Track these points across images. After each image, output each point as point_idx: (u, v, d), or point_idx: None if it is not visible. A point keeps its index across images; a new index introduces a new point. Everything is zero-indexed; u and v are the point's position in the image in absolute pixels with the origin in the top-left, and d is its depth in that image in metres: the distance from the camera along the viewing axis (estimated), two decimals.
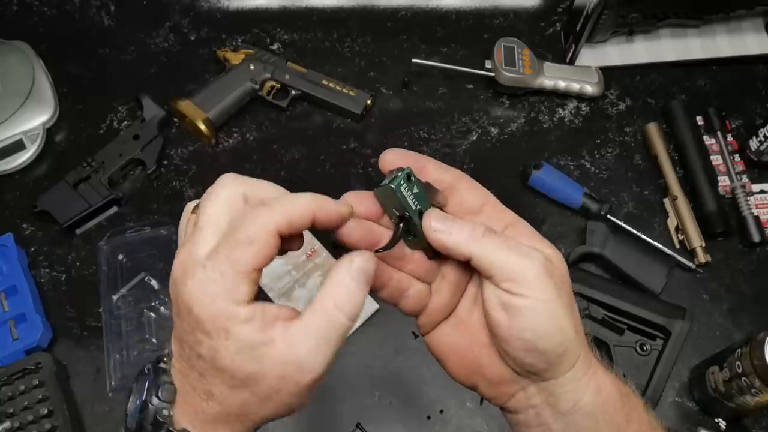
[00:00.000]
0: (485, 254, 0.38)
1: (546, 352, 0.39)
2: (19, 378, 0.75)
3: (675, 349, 0.75)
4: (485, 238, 0.39)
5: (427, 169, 0.42)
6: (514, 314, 0.38)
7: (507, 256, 0.38)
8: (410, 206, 0.40)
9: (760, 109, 0.94)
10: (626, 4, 0.89)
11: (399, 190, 0.40)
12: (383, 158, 0.42)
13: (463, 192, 0.42)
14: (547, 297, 0.38)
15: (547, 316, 0.38)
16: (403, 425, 0.76)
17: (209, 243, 0.36)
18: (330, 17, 1.02)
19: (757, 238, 0.84)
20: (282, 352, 0.36)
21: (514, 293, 0.38)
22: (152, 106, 0.91)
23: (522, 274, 0.38)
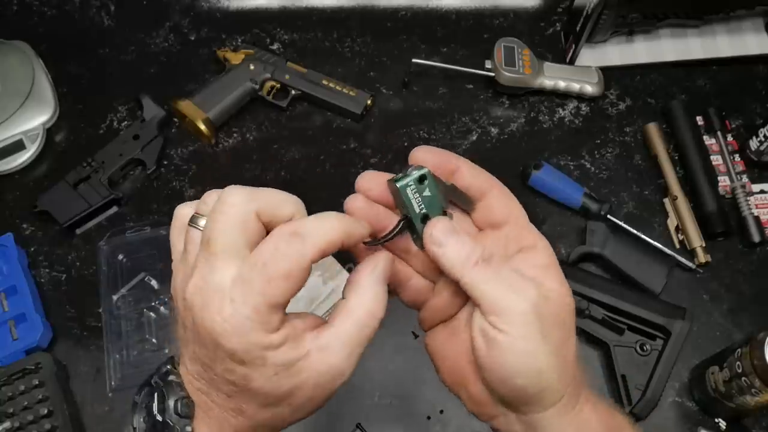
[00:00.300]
0: (474, 284, 0.38)
1: (520, 389, 0.38)
2: (19, 378, 0.75)
3: (675, 349, 0.75)
4: (477, 268, 0.38)
5: (460, 171, 0.41)
6: (492, 346, 0.37)
7: (494, 291, 0.37)
8: (413, 209, 0.39)
9: (760, 109, 0.94)
10: (626, 4, 0.89)
11: (404, 191, 0.39)
12: (413, 155, 0.41)
13: (492, 201, 0.41)
14: (527, 336, 0.37)
15: (524, 356, 0.37)
16: (403, 425, 0.76)
17: (229, 270, 0.35)
18: (330, 17, 1.02)
19: (757, 238, 0.84)
20: (316, 362, 0.37)
21: (495, 327, 0.37)
22: (152, 106, 0.91)
23: (506, 311, 0.37)
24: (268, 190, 0.38)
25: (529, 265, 0.40)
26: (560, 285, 0.40)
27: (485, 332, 0.38)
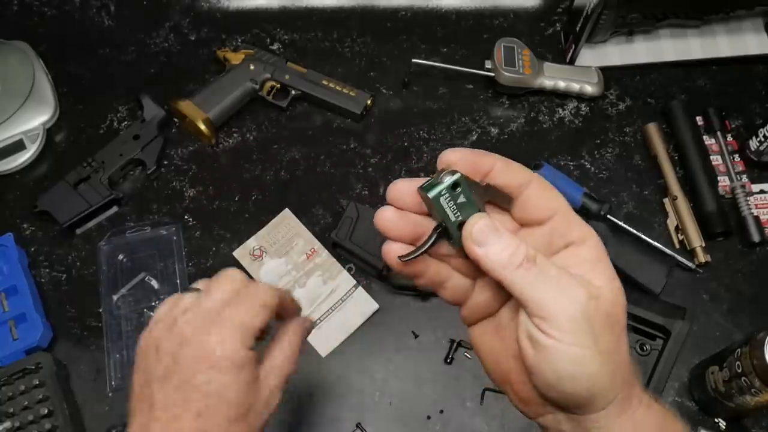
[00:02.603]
0: (519, 286, 0.36)
1: (570, 394, 0.37)
2: (19, 378, 0.75)
3: (675, 349, 0.75)
4: (521, 269, 0.36)
5: (494, 170, 0.39)
6: (540, 351, 0.36)
7: (541, 293, 0.36)
8: (449, 217, 0.37)
9: (760, 109, 0.94)
10: (626, 4, 0.89)
11: (437, 201, 0.37)
12: (442, 158, 0.39)
13: (532, 198, 0.39)
14: (578, 342, 0.35)
15: (573, 361, 0.35)
16: (403, 425, 0.76)
17: (217, 302, 0.47)
18: (330, 17, 1.02)
19: (756, 238, 0.84)
20: (266, 383, 0.47)
21: (543, 331, 0.35)
22: (152, 106, 0.91)
23: (554, 315, 0.35)
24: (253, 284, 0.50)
25: (576, 261, 0.38)
26: (610, 282, 0.38)
27: (532, 336, 0.36)
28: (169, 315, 0.47)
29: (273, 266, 0.84)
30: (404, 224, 0.39)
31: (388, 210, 0.39)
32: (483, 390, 0.77)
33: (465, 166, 0.38)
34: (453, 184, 0.37)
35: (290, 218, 0.87)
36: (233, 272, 0.49)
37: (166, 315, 0.47)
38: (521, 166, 0.40)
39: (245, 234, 0.86)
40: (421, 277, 0.41)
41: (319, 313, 0.81)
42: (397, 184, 0.39)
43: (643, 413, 0.39)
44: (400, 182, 0.39)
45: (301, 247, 0.85)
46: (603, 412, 0.38)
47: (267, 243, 0.85)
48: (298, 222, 0.87)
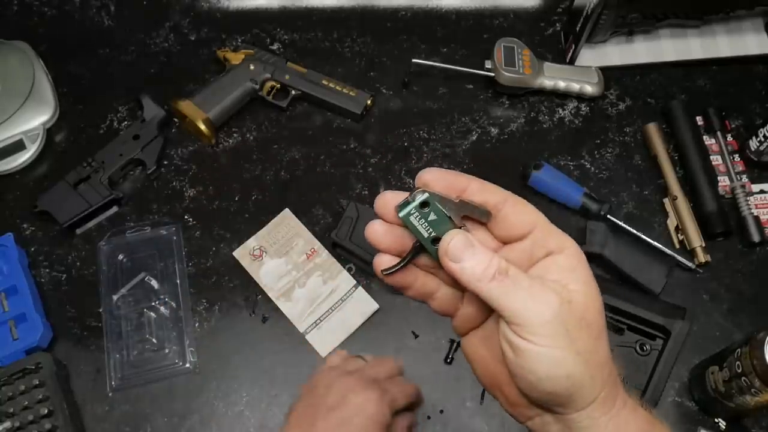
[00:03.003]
0: (494, 297, 0.38)
1: (551, 393, 0.39)
2: (19, 378, 0.75)
3: (675, 349, 0.75)
4: (494, 282, 0.38)
5: (469, 190, 0.41)
6: (519, 354, 0.38)
7: (515, 302, 0.38)
8: (421, 234, 0.39)
9: (760, 109, 0.94)
10: (626, 4, 0.89)
11: (407, 220, 0.39)
12: (419, 179, 0.41)
13: (510, 215, 0.41)
14: (552, 344, 0.37)
15: (550, 362, 0.37)
16: None
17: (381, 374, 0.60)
18: (330, 17, 1.02)
19: (756, 238, 0.84)
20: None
21: (520, 336, 0.38)
22: (152, 106, 0.91)
23: (528, 320, 0.37)
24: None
25: (554, 269, 0.40)
26: (585, 286, 0.40)
27: (511, 341, 0.38)
28: (341, 366, 0.59)
29: (273, 266, 0.84)
30: (392, 237, 0.41)
31: (377, 223, 0.41)
32: (483, 390, 0.77)
33: (439, 185, 0.40)
34: (421, 203, 0.39)
35: (290, 218, 0.87)
36: (393, 360, 0.62)
37: (338, 366, 0.59)
38: (495, 186, 0.41)
39: (245, 234, 0.86)
40: (409, 289, 0.43)
41: (319, 313, 0.81)
42: (383, 197, 0.41)
43: (627, 415, 0.40)
44: (387, 195, 0.41)
45: (301, 247, 0.85)
46: (585, 412, 0.39)
47: (267, 243, 0.85)
48: (298, 222, 0.87)
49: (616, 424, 0.40)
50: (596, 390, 0.39)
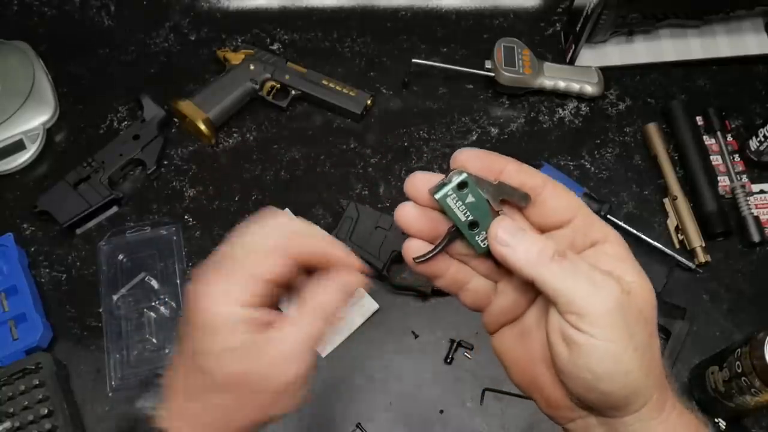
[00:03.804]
0: (551, 281, 0.35)
1: (607, 393, 0.35)
2: (19, 378, 0.75)
3: (675, 349, 0.75)
4: (553, 263, 0.35)
5: (507, 171, 0.38)
6: (574, 350, 0.35)
7: (574, 286, 0.34)
8: (459, 218, 0.37)
9: (760, 109, 0.94)
10: (626, 4, 0.89)
11: (444, 202, 0.37)
12: (454, 158, 0.38)
13: (548, 201, 0.38)
14: (614, 337, 0.34)
15: (611, 358, 0.34)
16: (403, 425, 0.76)
17: (233, 250, 0.39)
18: (330, 17, 1.02)
19: (756, 238, 0.84)
20: (270, 354, 0.37)
21: (577, 328, 0.34)
22: (152, 106, 0.91)
23: (588, 309, 0.34)
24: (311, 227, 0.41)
25: (603, 259, 0.36)
26: (640, 277, 0.37)
27: (565, 334, 0.35)
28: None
29: None
30: (425, 222, 0.38)
31: (408, 206, 0.38)
32: (483, 390, 0.76)
33: (475, 167, 0.37)
34: (459, 184, 0.37)
35: None
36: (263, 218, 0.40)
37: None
38: (534, 169, 0.39)
39: None
40: (441, 278, 0.40)
41: None
42: (414, 178, 0.38)
43: (676, 418, 0.38)
44: (418, 176, 0.38)
45: None
46: (637, 414, 0.36)
47: None
48: None
49: (666, 428, 0.37)
50: (650, 391, 0.36)
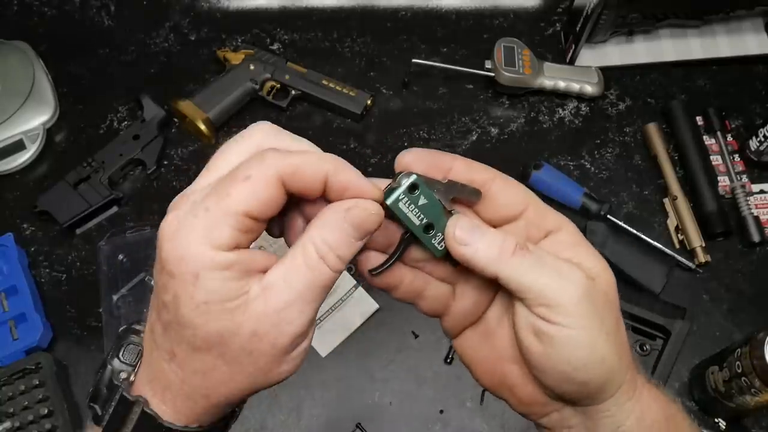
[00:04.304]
0: (515, 276, 0.34)
1: (585, 383, 0.35)
2: (19, 378, 0.75)
3: (675, 349, 0.75)
4: (516, 257, 0.34)
5: (455, 169, 0.36)
6: (548, 343, 0.34)
7: (540, 278, 0.33)
8: (413, 223, 0.35)
9: (760, 109, 0.94)
10: (626, 4, 0.89)
11: (396, 207, 0.35)
12: (398, 161, 0.36)
13: (499, 195, 0.37)
14: (586, 325, 0.33)
15: (586, 346, 0.34)
16: (403, 425, 0.76)
17: (208, 181, 0.33)
18: (330, 17, 1.02)
19: (756, 238, 0.84)
20: (256, 305, 0.31)
21: (548, 320, 0.33)
22: (152, 106, 0.91)
23: (558, 300, 0.33)
24: (297, 138, 0.36)
25: (560, 248, 0.36)
26: (599, 262, 0.36)
27: (536, 328, 0.34)
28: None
29: None
30: (378, 230, 0.35)
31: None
32: (483, 390, 0.77)
33: (422, 167, 0.36)
34: (410, 186, 0.35)
35: None
36: (251, 138, 0.34)
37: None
38: (481, 164, 0.37)
39: None
40: (397, 289, 0.38)
41: (319, 313, 0.81)
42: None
43: (647, 398, 0.38)
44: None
45: None
46: (612, 399, 0.36)
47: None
48: None
49: (641, 407, 0.37)
50: (623, 373, 0.36)
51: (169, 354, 0.33)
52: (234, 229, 0.31)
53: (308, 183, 0.32)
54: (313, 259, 0.32)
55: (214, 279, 0.31)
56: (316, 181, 0.32)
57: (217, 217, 0.31)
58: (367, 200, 0.33)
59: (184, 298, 0.31)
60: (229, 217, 0.31)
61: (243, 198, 0.31)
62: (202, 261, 0.31)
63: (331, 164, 0.33)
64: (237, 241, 0.31)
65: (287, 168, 0.32)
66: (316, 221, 0.33)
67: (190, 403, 0.34)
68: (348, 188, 0.33)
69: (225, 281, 0.31)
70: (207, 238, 0.31)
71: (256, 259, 0.32)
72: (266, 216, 0.32)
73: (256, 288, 0.32)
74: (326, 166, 0.33)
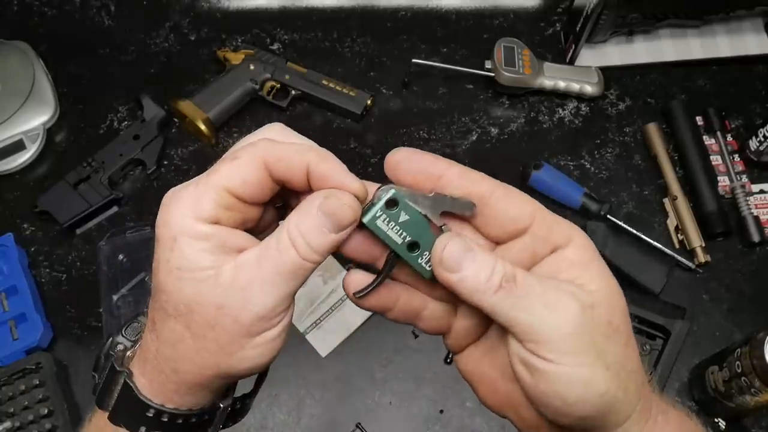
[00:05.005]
0: (501, 311, 0.31)
1: (582, 418, 0.32)
2: (19, 378, 0.75)
3: (675, 349, 0.75)
4: (501, 292, 0.31)
5: (447, 177, 0.33)
6: (538, 377, 0.32)
7: (528, 315, 0.31)
8: (394, 241, 0.33)
9: (760, 109, 0.94)
10: (626, 4, 0.89)
11: (373, 226, 0.32)
12: (388, 161, 0.34)
13: (501, 209, 0.34)
14: (580, 361, 0.31)
15: (579, 383, 0.31)
16: (403, 425, 0.76)
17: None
18: (330, 17, 1.02)
19: (756, 238, 0.84)
20: (225, 279, 0.32)
21: (538, 355, 0.31)
22: (152, 106, 0.91)
23: (546, 335, 0.31)
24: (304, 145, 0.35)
25: (564, 266, 0.33)
26: (605, 283, 0.33)
27: (527, 362, 0.32)
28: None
29: None
30: (366, 245, 0.34)
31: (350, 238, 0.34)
32: None
33: (410, 173, 0.33)
34: (387, 202, 0.32)
35: None
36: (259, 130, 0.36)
37: None
38: (480, 174, 0.34)
39: None
40: (391, 310, 0.36)
41: (319, 313, 0.81)
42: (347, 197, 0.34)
43: (663, 422, 0.35)
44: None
45: None
46: (621, 429, 0.34)
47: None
48: None
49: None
50: (632, 404, 0.34)
51: (151, 322, 0.34)
52: (215, 203, 0.32)
53: (292, 170, 0.33)
54: (284, 243, 0.32)
55: (190, 247, 0.32)
56: (299, 170, 0.33)
57: (203, 190, 0.32)
58: (343, 192, 0.33)
59: (162, 263, 0.32)
60: (212, 191, 0.32)
61: (227, 174, 0.32)
62: (181, 227, 0.32)
63: (314, 154, 0.33)
64: (217, 216, 0.32)
65: (273, 153, 0.33)
66: (296, 208, 0.33)
67: (162, 377, 0.34)
68: (328, 179, 0.33)
69: (199, 251, 0.32)
70: (190, 207, 0.32)
71: (236, 239, 0.33)
72: (250, 196, 0.33)
73: (230, 265, 0.32)
74: (310, 155, 0.33)
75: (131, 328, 0.38)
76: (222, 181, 0.32)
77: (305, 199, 0.33)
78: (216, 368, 0.33)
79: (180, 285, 0.32)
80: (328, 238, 0.32)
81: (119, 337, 0.37)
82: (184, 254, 0.32)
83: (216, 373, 0.34)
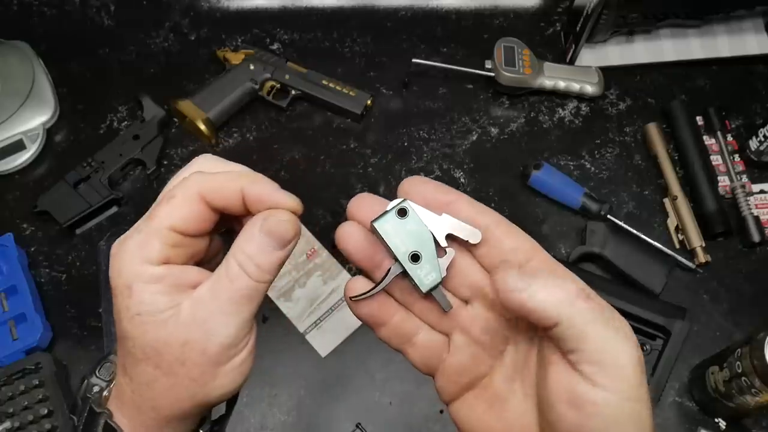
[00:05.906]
0: (578, 323, 0.29)
1: None
2: (19, 378, 0.75)
3: (675, 349, 0.75)
4: (580, 301, 0.29)
5: (456, 205, 0.34)
6: (587, 414, 0.29)
7: (603, 331, 0.29)
8: (398, 249, 0.33)
9: (760, 109, 0.94)
10: (626, 4, 0.89)
11: (382, 229, 0.33)
12: (401, 188, 0.34)
13: (503, 242, 0.33)
14: (633, 395, 0.29)
15: (630, 421, 0.29)
16: (403, 425, 0.76)
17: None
18: (330, 17, 1.02)
19: (756, 238, 0.84)
20: (185, 316, 0.32)
21: (595, 382, 0.28)
22: (152, 106, 0.91)
23: (614, 359, 0.28)
24: (231, 173, 0.36)
25: None
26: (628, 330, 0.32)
27: (576, 394, 0.29)
28: None
29: None
30: (367, 245, 0.34)
31: (350, 226, 0.35)
32: None
33: (421, 196, 0.34)
34: (399, 210, 0.33)
35: None
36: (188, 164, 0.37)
37: None
38: (488, 208, 0.34)
39: None
40: (383, 327, 0.36)
41: (319, 313, 0.81)
42: (361, 199, 0.35)
43: None
44: (366, 199, 0.35)
45: (302, 247, 0.85)
46: None
47: None
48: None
49: None
50: None
51: (122, 368, 0.35)
52: (163, 244, 0.33)
53: (228, 198, 0.34)
54: (233, 271, 0.33)
55: (146, 291, 0.33)
56: (234, 196, 0.34)
57: (147, 234, 0.33)
58: (279, 210, 0.34)
59: (122, 311, 0.33)
60: (157, 232, 0.33)
61: (167, 214, 0.33)
62: (134, 273, 0.33)
63: (246, 179, 0.34)
64: (167, 255, 0.33)
65: (207, 184, 0.34)
66: (239, 235, 0.34)
67: (143, 416, 0.35)
68: (262, 200, 0.34)
69: (155, 294, 0.33)
70: (138, 253, 0.33)
71: (188, 274, 0.34)
72: (194, 230, 0.34)
73: (187, 302, 0.33)
74: (242, 181, 0.34)
75: (104, 369, 0.38)
76: (164, 222, 0.33)
77: (246, 225, 0.34)
78: (192, 400, 0.34)
79: (143, 329, 0.33)
80: (274, 255, 0.34)
81: (93, 378, 0.38)
82: (142, 299, 0.32)
83: (193, 404, 0.34)
